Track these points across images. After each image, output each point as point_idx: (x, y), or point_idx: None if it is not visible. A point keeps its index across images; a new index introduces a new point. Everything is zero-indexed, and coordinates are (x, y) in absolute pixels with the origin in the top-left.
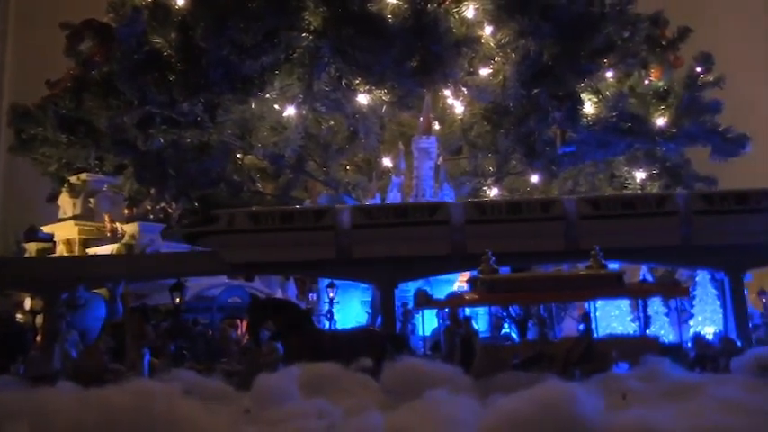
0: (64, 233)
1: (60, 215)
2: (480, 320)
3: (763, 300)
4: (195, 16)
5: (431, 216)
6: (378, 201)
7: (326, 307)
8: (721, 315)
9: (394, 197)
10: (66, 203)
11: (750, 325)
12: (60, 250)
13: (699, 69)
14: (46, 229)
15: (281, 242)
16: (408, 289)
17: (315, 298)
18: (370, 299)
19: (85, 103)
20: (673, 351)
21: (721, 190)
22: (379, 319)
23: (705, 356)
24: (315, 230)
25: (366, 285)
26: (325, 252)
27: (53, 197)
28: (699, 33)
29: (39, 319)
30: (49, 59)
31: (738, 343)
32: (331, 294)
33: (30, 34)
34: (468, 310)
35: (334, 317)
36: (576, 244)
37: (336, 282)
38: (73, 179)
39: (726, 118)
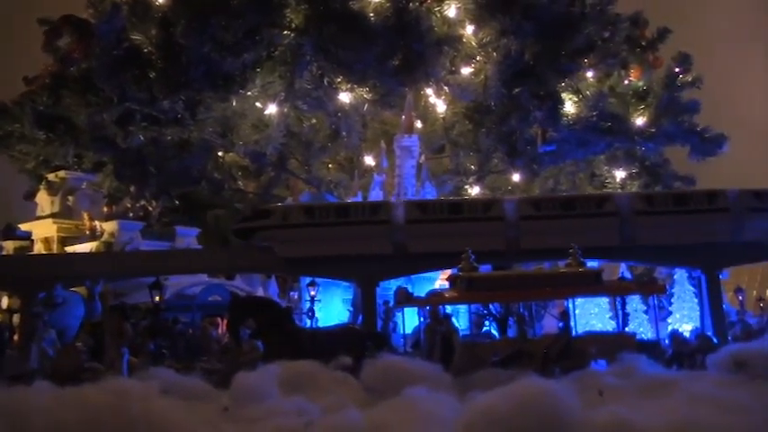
0: (42, 231)
1: (38, 213)
2: (462, 318)
3: (740, 297)
4: (176, 13)
5: (485, 212)
6: (360, 199)
7: (308, 305)
8: (699, 312)
9: (376, 195)
10: (44, 201)
11: (727, 322)
12: (38, 248)
13: (677, 70)
14: (24, 227)
15: (336, 236)
16: (390, 287)
17: (296, 296)
18: (351, 297)
19: (64, 100)
20: (650, 348)
21: None
22: (360, 318)
23: (682, 353)
24: (370, 225)
25: (347, 283)
26: (381, 247)
27: (31, 195)
28: (678, 34)
29: (16, 318)
30: (27, 55)
31: (715, 340)
32: (312, 293)
33: (7, 30)
34: (449, 308)
35: (316, 315)
36: (631, 240)
37: (318, 280)
38: (51, 176)
39: (705, 118)
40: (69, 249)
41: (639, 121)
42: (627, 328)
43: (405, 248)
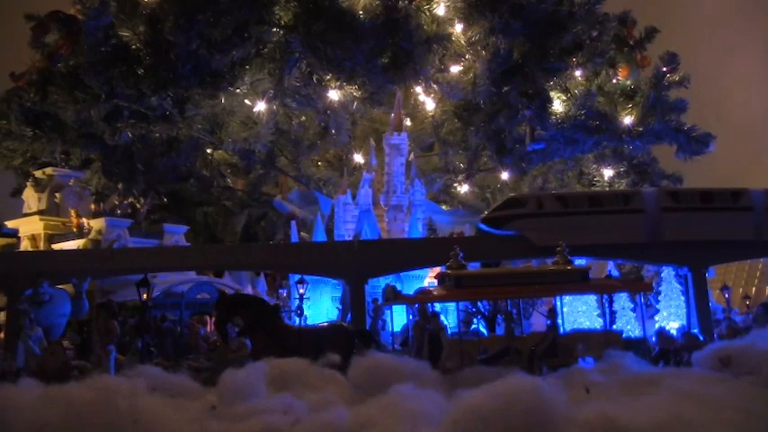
0: (29, 228)
1: (25, 210)
2: (450, 316)
3: (726, 295)
4: (164, 9)
5: (735, 202)
6: (348, 196)
7: (297, 303)
8: (685, 310)
9: (365, 193)
10: (31, 198)
11: (713, 320)
12: (25, 246)
13: (665, 69)
14: (10, 224)
15: (590, 225)
16: (379, 285)
17: (285, 294)
18: (340, 295)
19: (51, 97)
20: (637, 346)
21: None
22: (349, 315)
23: (668, 351)
24: (624, 213)
25: (336, 281)
26: (635, 235)
27: (18, 192)
28: (665, 33)
29: (1, 316)
30: (14, 51)
31: (701, 338)
32: (301, 290)
33: None
34: (437, 306)
35: (305, 313)
36: None
37: (307, 278)
38: (38, 173)
39: (692, 117)
40: (56, 246)
41: (627, 119)
42: (614, 326)
43: (659, 237)
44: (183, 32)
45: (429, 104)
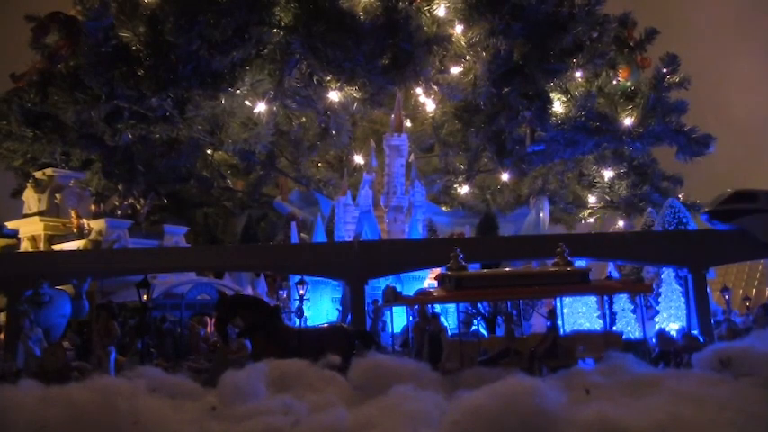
0: (29, 229)
1: (25, 211)
2: (451, 317)
3: (726, 297)
4: (164, 10)
5: None
6: (349, 197)
7: (297, 304)
8: (685, 312)
9: (365, 194)
10: (31, 199)
11: (713, 321)
12: (25, 247)
13: (665, 70)
14: (10, 225)
15: None
16: (379, 286)
17: (285, 295)
18: (340, 296)
19: (51, 97)
20: (637, 347)
21: None
22: (349, 316)
23: (668, 352)
24: None
25: (336, 282)
26: None
27: (18, 192)
28: (665, 34)
29: (1, 317)
30: (14, 52)
31: (701, 339)
32: (301, 291)
33: None
34: (437, 307)
35: (305, 314)
36: None
37: (307, 279)
38: (38, 174)
39: (693, 118)
40: (56, 247)
41: (627, 121)
42: (614, 327)
43: None
44: (184, 33)
45: (429, 106)
